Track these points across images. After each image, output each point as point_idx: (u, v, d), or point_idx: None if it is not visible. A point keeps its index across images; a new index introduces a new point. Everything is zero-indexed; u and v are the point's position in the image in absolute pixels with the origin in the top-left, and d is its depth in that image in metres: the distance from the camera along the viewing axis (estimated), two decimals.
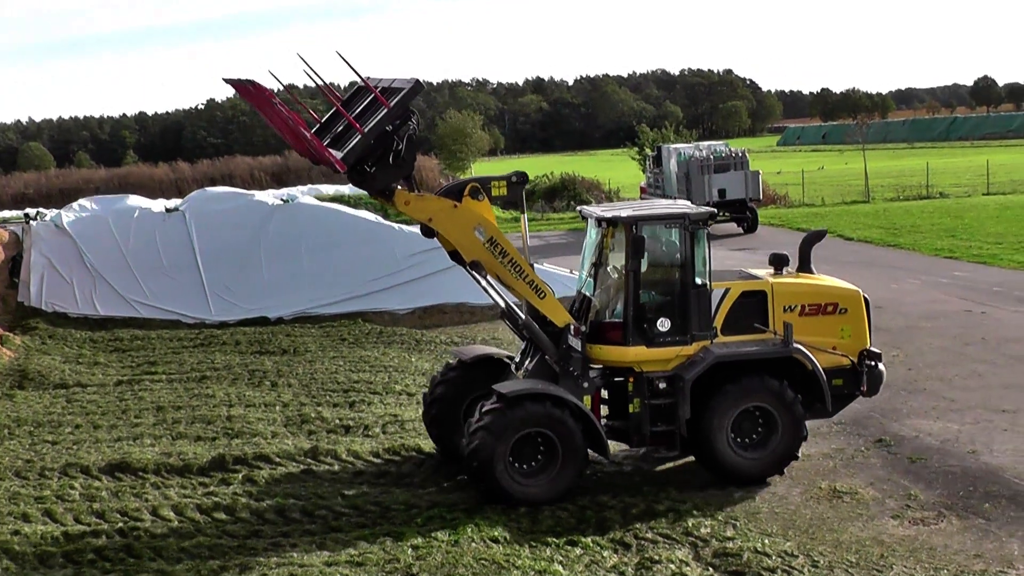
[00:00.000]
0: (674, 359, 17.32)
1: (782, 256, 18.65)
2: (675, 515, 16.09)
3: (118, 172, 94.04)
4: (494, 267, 17.45)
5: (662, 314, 17.35)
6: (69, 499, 17.18)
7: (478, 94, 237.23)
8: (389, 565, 14.10)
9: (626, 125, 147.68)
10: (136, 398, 24.08)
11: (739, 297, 17.69)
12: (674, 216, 17.69)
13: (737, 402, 17.16)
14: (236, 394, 24.02)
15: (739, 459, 17.28)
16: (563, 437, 16.59)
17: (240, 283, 33.85)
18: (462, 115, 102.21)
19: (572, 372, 17.23)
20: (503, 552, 14.55)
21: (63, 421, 22.30)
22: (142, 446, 20.16)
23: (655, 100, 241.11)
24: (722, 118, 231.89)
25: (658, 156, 58.92)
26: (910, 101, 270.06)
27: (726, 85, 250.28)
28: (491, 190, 17.86)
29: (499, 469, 16.39)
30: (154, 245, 34.55)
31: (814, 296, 17.93)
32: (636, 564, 14.56)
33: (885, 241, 47.23)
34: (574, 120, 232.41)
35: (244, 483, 17.84)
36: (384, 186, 17.24)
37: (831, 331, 17.84)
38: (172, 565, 14.46)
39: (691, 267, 17.37)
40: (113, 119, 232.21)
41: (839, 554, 14.80)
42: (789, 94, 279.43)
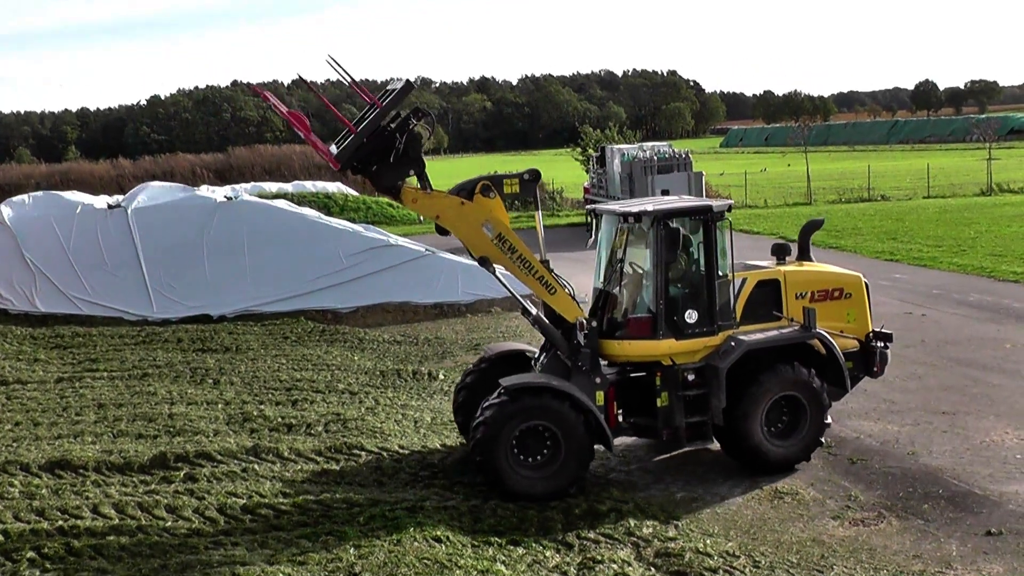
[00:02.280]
0: (702, 350, 17.61)
1: (784, 246, 19.24)
2: (617, 515, 16.14)
3: (59, 168, 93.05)
4: (504, 263, 17.58)
5: (689, 306, 17.61)
6: (8, 497, 17.01)
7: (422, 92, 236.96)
8: (331, 564, 14.07)
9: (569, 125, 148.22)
10: (77, 395, 23.89)
11: (755, 286, 18.14)
12: (699, 209, 17.96)
13: (772, 390, 17.48)
14: (178, 392, 23.89)
15: (771, 447, 17.64)
16: (565, 431, 16.71)
17: (182, 280, 33.69)
18: None
19: (582, 368, 17.36)
20: (445, 551, 14.56)
21: (2, 418, 22.09)
22: (83, 444, 20.02)
23: (599, 100, 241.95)
24: (665, 119, 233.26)
25: (601, 156, 59.05)
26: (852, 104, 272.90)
27: (670, 86, 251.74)
28: (503, 187, 17.91)
29: (501, 461, 16.56)
30: (96, 242, 34.30)
31: (823, 282, 18.51)
32: (578, 564, 14.60)
33: (827, 243, 47.50)
34: (517, 120, 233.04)
35: (185, 481, 17.75)
36: (390, 184, 17.33)
37: (839, 315, 18.43)
38: (113, 564, 14.37)
39: (715, 259, 17.68)
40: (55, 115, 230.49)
41: (780, 554, 14.91)
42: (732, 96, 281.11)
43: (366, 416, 21.41)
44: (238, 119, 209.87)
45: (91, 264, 33.87)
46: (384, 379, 24.85)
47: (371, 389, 23.85)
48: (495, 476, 16.68)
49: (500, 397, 16.75)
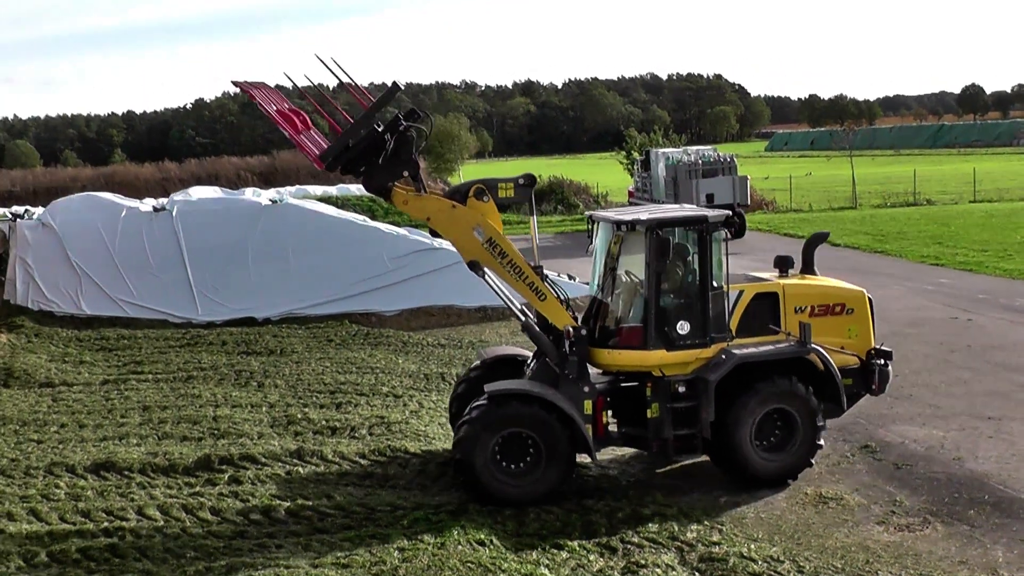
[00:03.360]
0: (693, 362, 17.34)
1: (786, 258, 18.78)
2: (661, 519, 16.07)
3: (104, 171, 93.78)
4: (494, 268, 17.48)
5: (682, 317, 17.37)
6: (54, 498, 17.14)
7: (466, 96, 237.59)
8: (375, 567, 14.08)
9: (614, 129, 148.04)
10: (122, 397, 24.04)
11: (752, 299, 17.80)
12: (693, 220, 17.72)
13: (763, 404, 17.20)
14: (223, 394, 23.99)
15: (760, 460, 17.34)
16: (547, 438, 16.61)
17: (227, 283, 33.79)
18: (449, 118, 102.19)
19: (569, 376, 17.18)
20: (489, 555, 14.54)
21: (49, 420, 22.26)
22: (128, 446, 20.14)
23: (643, 104, 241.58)
24: (710, 123, 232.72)
25: (646, 160, 59.01)
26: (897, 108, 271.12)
27: (715, 90, 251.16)
28: (498, 192, 17.78)
29: (481, 467, 16.46)
30: (141, 244, 34.44)
31: (823, 297, 18.14)
32: (622, 568, 14.56)
33: (871, 247, 47.31)
34: (562, 123, 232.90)
35: (230, 484, 17.82)
36: (380, 185, 17.33)
37: (839, 331, 18.04)
38: (157, 565, 14.44)
39: (709, 270, 17.42)
40: (100, 117, 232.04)
41: (825, 560, 14.81)
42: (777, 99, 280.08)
43: (410, 419, 21.43)
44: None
45: (136, 267, 34.02)
46: (428, 382, 24.86)
47: (415, 392, 23.87)
48: (474, 481, 16.59)
49: (483, 403, 16.69)
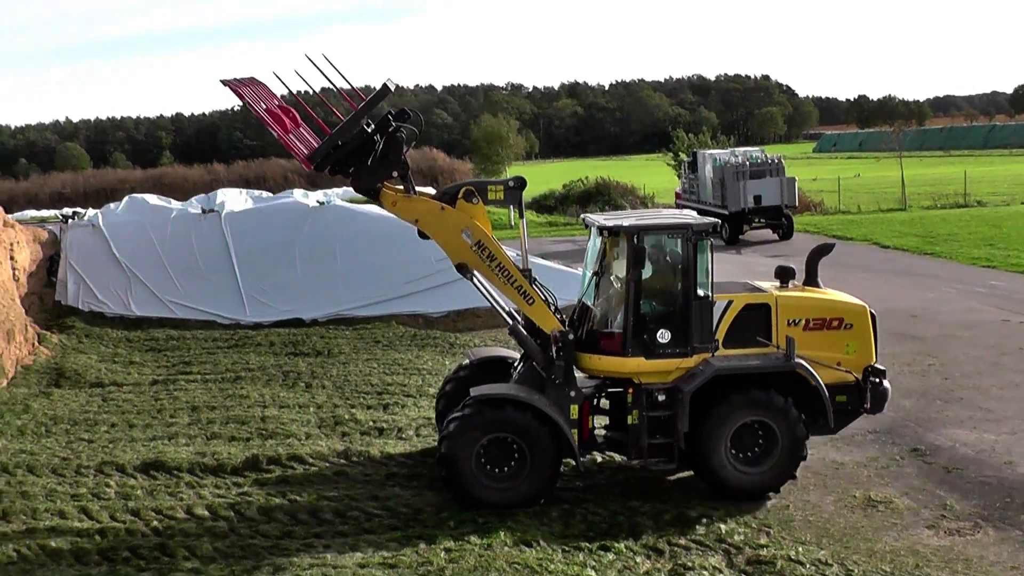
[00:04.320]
0: (674, 371, 17.10)
1: (788, 269, 18.37)
2: (708, 521, 16.03)
3: (153, 173, 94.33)
4: (482, 270, 17.45)
5: (662, 325, 17.14)
6: (105, 497, 17.28)
7: (513, 98, 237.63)
8: (422, 568, 14.10)
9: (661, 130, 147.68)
10: (171, 398, 24.19)
11: (742, 310, 17.39)
12: (677, 227, 17.47)
13: (736, 416, 16.86)
14: (270, 395, 24.10)
15: (737, 474, 16.97)
16: (531, 443, 16.56)
17: (275, 284, 33.92)
18: (497, 119, 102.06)
19: (555, 380, 17.10)
20: (536, 556, 14.54)
21: (99, 420, 22.42)
22: (177, 445, 20.27)
23: (690, 105, 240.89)
24: (758, 124, 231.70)
25: (693, 162, 58.76)
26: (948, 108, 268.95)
27: (762, 91, 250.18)
28: (487, 194, 17.75)
29: (465, 470, 16.46)
30: (190, 246, 34.64)
31: (819, 310, 17.58)
32: (669, 570, 14.53)
33: (921, 249, 46.99)
34: (608, 125, 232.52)
35: (278, 484, 17.90)
36: (369, 186, 17.34)
37: (836, 346, 17.49)
38: (206, 564, 14.53)
39: (693, 278, 17.14)
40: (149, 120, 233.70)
41: (874, 563, 14.71)
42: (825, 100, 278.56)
43: None
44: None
45: (185, 268, 34.21)
46: None
47: None
48: (458, 485, 16.56)
49: (468, 407, 16.66)
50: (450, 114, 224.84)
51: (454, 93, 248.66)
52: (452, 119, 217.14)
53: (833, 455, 19.35)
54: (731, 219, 52.61)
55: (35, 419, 22.40)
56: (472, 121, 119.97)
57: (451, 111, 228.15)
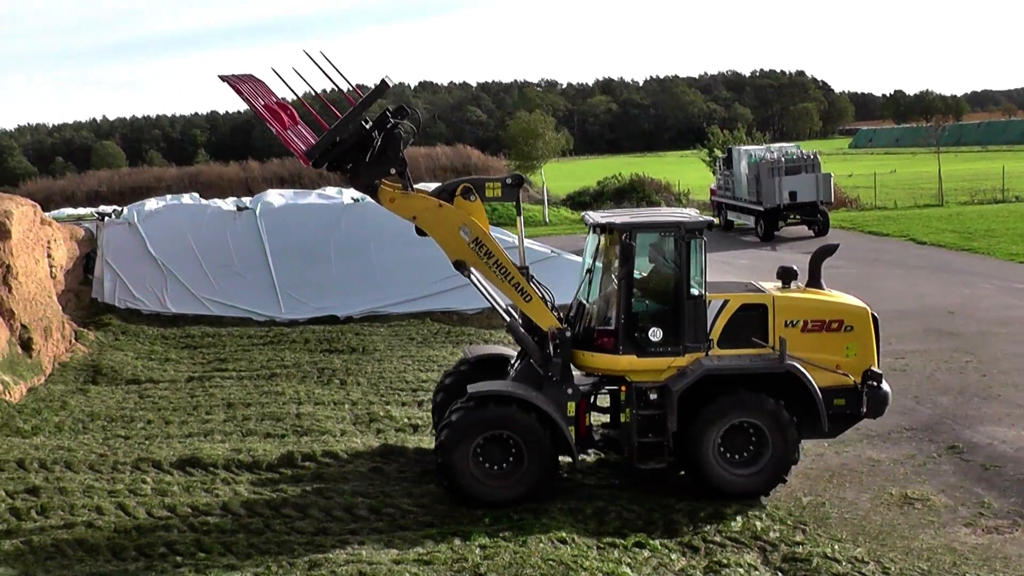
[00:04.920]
0: (667, 370, 17.00)
1: (790, 269, 18.19)
2: (744, 519, 16.00)
3: (189, 171, 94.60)
4: (480, 268, 17.46)
5: (655, 324, 17.05)
6: (141, 493, 17.36)
7: (547, 95, 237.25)
8: (457, 564, 14.11)
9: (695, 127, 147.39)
10: (207, 394, 24.29)
11: (738, 310, 17.24)
12: (669, 225, 17.40)
13: (725, 416, 16.73)
14: (305, 392, 24.17)
15: (726, 474, 16.83)
16: (528, 440, 16.53)
17: (310, 282, 33.97)
18: (533, 116, 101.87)
19: (552, 378, 17.07)
20: (571, 553, 14.53)
21: (135, 416, 22.54)
22: (212, 442, 20.35)
23: (725, 102, 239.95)
24: (793, 120, 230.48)
25: (728, 158, 58.59)
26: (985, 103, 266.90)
27: (797, 87, 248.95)
28: (485, 191, 17.75)
29: (462, 467, 16.44)
30: (225, 243, 34.73)
31: (818, 312, 17.35)
32: (704, 567, 14.50)
33: (959, 245, 46.72)
34: (643, 121, 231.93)
35: (313, 480, 17.94)
36: (367, 182, 17.38)
37: (835, 349, 17.24)
38: (242, 560, 14.58)
39: (686, 277, 17.05)
40: (185, 118, 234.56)
41: (910, 561, 14.65)
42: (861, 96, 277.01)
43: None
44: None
45: (220, 265, 34.30)
46: None
47: None
48: (454, 481, 16.55)
49: (466, 404, 16.62)
50: (484, 111, 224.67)
51: (488, 90, 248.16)
52: (487, 116, 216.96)
53: (869, 452, 19.28)
54: (766, 215, 52.49)
55: (72, 416, 22.54)
56: (507, 118, 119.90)
57: (485, 108, 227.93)
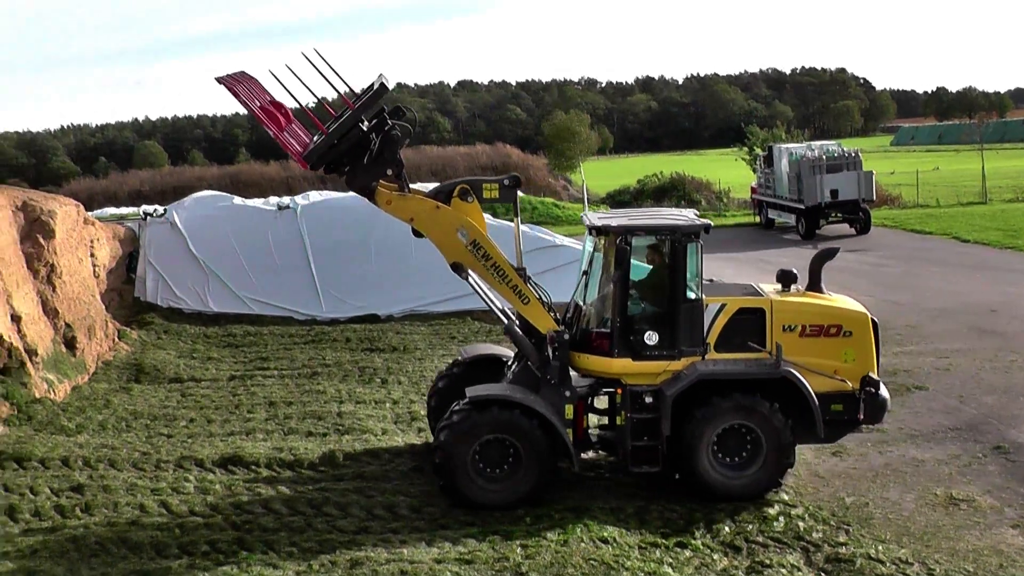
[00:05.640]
0: (662, 373, 16.88)
1: (790, 273, 17.97)
2: (786, 519, 15.94)
3: (230, 170, 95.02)
4: (477, 270, 17.43)
5: (650, 327, 16.95)
6: (184, 491, 17.44)
7: (587, 93, 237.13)
8: (498, 564, 14.11)
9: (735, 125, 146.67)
10: (248, 393, 24.38)
11: (735, 313, 17.06)
12: (665, 228, 17.27)
13: (718, 420, 16.58)
14: (346, 391, 24.22)
15: (719, 477, 16.70)
16: (526, 444, 16.45)
17: (350, 280, 34.04)
18: (570, 115, 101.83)
19: (550, 380, 17.00)
20: (612, 553, 14.50)
21: (178, 415, 22.64)
22: (254, 441, 20.42)
23: (765, 99, 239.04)
24: (833, 118, 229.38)
25: (769, 156, 58.35)
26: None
27: (838, 84, 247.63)
28: (482, 192, 17.68)
29: (460, 470, 16.40)
30: (266, 242, 34.86)
31: (816, 317, 17.13)
32: (747, 568, 14.44)
33: (1003, 243, 46.32)
34: (683, 119, 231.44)
35: (354, 479, 17.97)
36: (364, 184, 17.33)
37: (833, 354, 17.02)
38: (283, 559, 14.60)
39: (682, 280, 16.94)
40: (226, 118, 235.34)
41: (956, 563, 14.53)
42: (903, 93, 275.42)
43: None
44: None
45: (261, 264, 34.42)
46: None
47: None
48: (452, 485, 16.50)
49: (463, 408, 16.55)
50: (524, 110, 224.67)
51: (528, 89, 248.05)
52: (526, 115, 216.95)
53: (913, 452, 19.15)
54: (807, 214, 52.26)
55: (116, 414, 22.66)
56: (545, 116, 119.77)
57: (524, 107, 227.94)
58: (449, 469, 16.42)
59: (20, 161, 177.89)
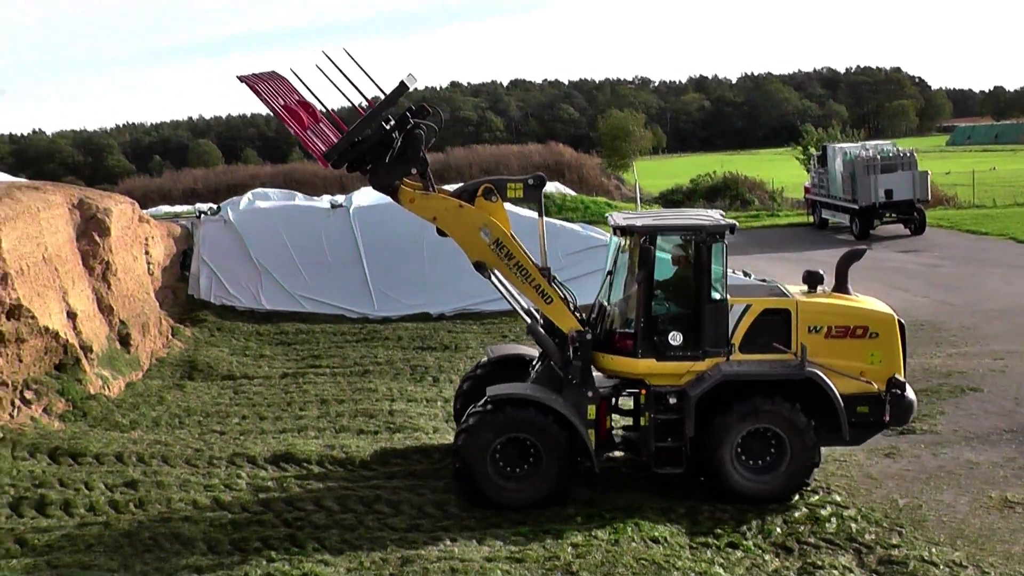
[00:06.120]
0: (686, 374, 16.80)
1: (816, 274, 17.85)
2: (839, 520, 15.85)
3: (283, 168, 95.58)
4: (500, 269, 17.36)
5: (674, 327, 16.87)
6: (236, 488, 17.54)
7: (640, 92, 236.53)
8: (549, 563, 14.11)
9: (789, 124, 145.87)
10: (300, 391, 24.49)
11: (761, 314, 16.95)
12: (689, 228, 17.19)
13: (742, 422, 16.49)
14: (398, 389, 24.29)
15: (743, 481, 16.60)
16: (546, 444, 16.39)
17: (402, 279, 34.15)
18: (624, 113, 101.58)
19: (572, 381, 16.92)
20: (663, 552, 14.47)
21: (230, 412, 22.79)
22: (306, 438, 20.51)
23: (819, 99, 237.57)
24: (888, 117, 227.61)
25: (823, 156, 57.96)
26: None
27: (893, 83, 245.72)
28: (507, 191, 17.63)
29: (479, 470, 16.37)
30: (319, 240, 35.02)
31: (842, 318, 16.99)
32: (798, 569, 14.38)
33: None
34: (736, 119, 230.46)
35: (405, 477, 18.00)
36: (387, 182, 17.32)
37: (860, 356, 16.87)
38: (335, 556, 14.65)
39: (707, 281, 16.84)
40: None
41: (1011, 567, 14.39)
42: (959, 92, 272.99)
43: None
44: (456, 119, 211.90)
45: (314, 263, 34.58)
46: None
47: None
48: (472, 484, 16.46)
49: (484, 407, 16.52)
50: (576, 109, 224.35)
51: (580, 88, 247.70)
52: (578, 114, 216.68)
53: (967, 454, 18.99)
54: (861, 214, 51.89)
55: (169, 411, 22.84)
56: (599, 115, 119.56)
57: (577, 105, 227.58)
58: (469, 469, 16.42)
59: (76, 159, 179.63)
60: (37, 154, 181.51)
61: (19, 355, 21.19)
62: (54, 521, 16.17)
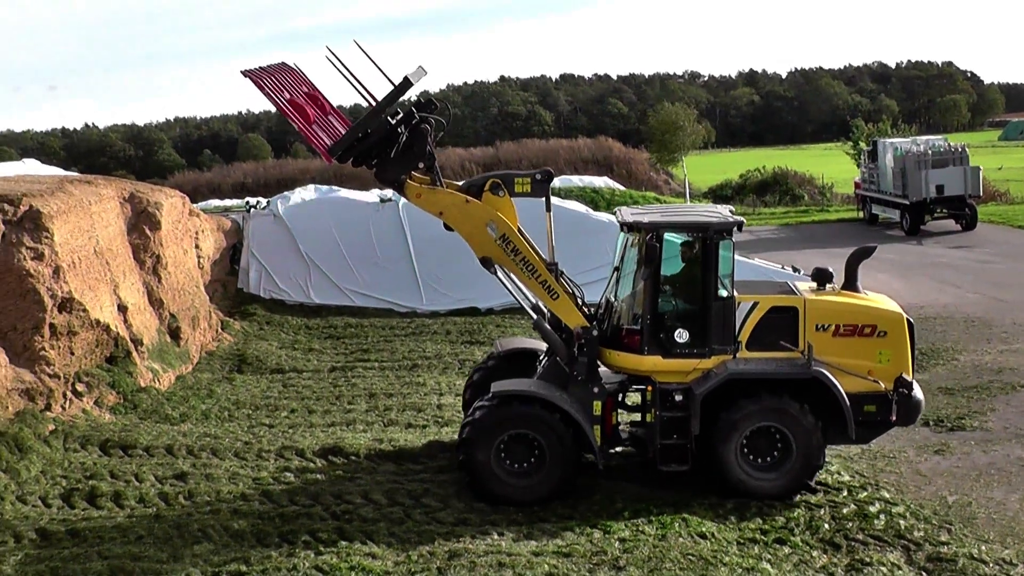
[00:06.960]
0: (692, 372, 16.77)
1: (825, 271, 17.74)
2: (887, 517, 15.77)
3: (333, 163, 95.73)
4: (507, 264, 17.30)
5: (681, 325, 16.82)
6: (285, 481, 17.65)
7: (689, 87, 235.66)
8: (596, 557, 14.13)
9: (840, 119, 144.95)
10: (349, 384, 24.59)
11: (768, 312, 16.92)
12: (696, 225, 17.10)
13: (747, 420, 16.44)
14: (447, 383, 24.34)
15: (748, 478, 16.57)
16: (550, 440, 16.40)
17: (451, 273, 34.12)
18: (675, 108, 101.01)
19: (578, 377, 16.91)
20: (710, 548, 14.46)
21: (279, 405, 22.92)
22: (355, 431, 20.61)
23: (870, 93, 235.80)
24: (940, 112, 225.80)
25: (873, 151, 57.54)
26: None
27: (945, 78, 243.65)
28: (514, 186, 17.55)
29: (483, 465, 16.41)
30: (368, 235, 35.10)
31: (851, 316, 16.91)
32: (846, 565, 14.33)
33: None
34: (786, 113, 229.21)
35: (453, 471, 18.02)
36: (393, 177, 17.29)
37: (868, 354, 16.82)
38: (383, 549, 14.72)
39: (713, 278, 16.76)
40: None
41: None
42: (1013, 87, 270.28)
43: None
44: (505, 114, 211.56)
45: (363, 257, 34.68)
46: None
47: None
48: (476, 478, 16.50)
49: (488, 403, 16.51)
50: (625, 103, 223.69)
51: (630, 82, 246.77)
52: (627, 108, 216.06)
53: (1019, 452, 18.86)
54: (912, 209, 51.50)
55: (219, 404, 23.00)
56: (648, 110, 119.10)
57: (626, 100, 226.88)
58: (474, 463, 16.48)
59: (127, 153, 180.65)
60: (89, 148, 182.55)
61: (71, 348, 21.41)
62: (105, 512, 16.36)
